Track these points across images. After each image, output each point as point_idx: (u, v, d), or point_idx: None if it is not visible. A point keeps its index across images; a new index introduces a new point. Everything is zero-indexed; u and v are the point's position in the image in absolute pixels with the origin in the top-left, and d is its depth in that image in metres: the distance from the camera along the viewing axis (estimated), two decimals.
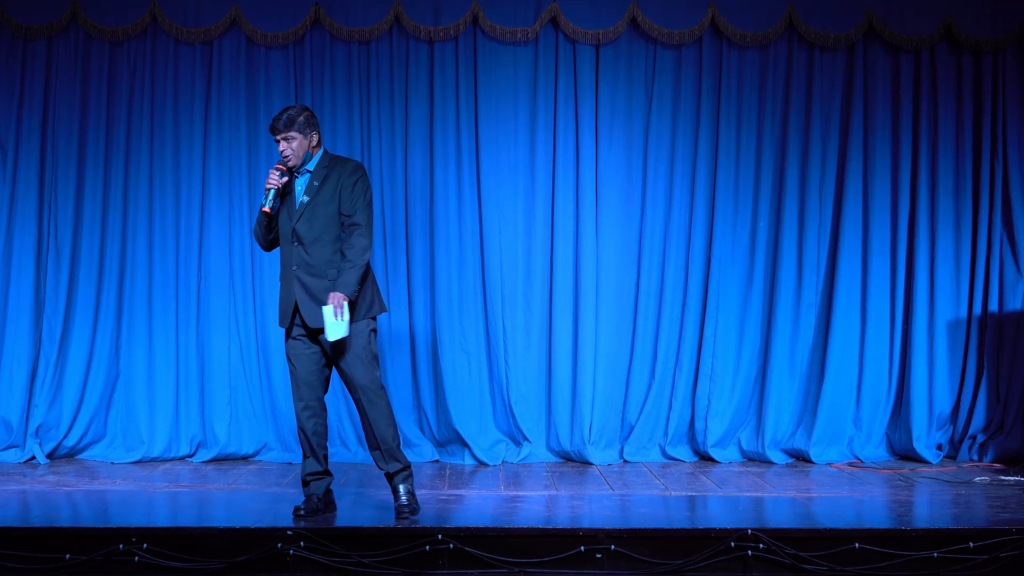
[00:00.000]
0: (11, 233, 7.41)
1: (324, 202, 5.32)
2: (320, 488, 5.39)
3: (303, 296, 5.29)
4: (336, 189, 5.33)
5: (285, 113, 5.34)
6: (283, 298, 5.40)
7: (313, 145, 5.39)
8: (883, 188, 7.59)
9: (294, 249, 5.33)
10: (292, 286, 5.32)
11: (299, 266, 5.31)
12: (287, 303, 5.37)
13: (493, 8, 7.42)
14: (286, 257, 5.38)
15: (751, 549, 4.93)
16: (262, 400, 7.43)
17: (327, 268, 5.29)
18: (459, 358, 7.46)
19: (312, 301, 5.27)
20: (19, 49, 7.43)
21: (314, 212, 5.31)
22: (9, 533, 4.92)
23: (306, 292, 5.29)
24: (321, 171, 5.37)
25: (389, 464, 5.35)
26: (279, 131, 5.32)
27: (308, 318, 5.28)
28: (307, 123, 5.35)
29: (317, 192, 5.33)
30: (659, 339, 7.54)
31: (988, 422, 7.50)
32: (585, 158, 7.52)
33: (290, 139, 5.32)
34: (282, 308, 5.41)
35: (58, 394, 7.35)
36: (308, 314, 5.28)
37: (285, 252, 5.39)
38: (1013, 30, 7.51)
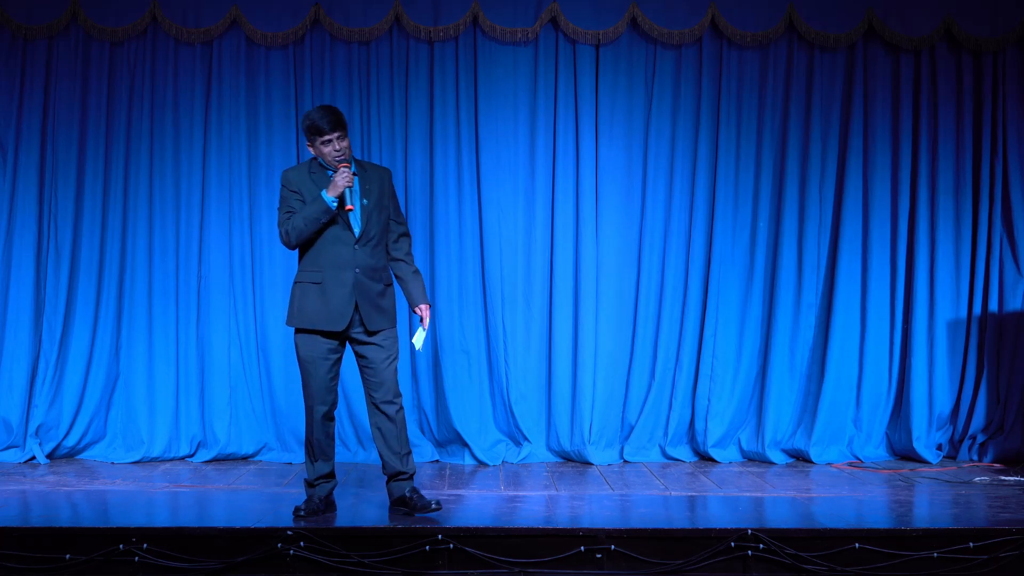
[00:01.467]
0: (11, 233, 7.41)
1: (380, 207, 5.35)
2: (325, 491, 5.39)
3: (364, 300, 5.26)
4: (387, 196, 5.39)
5: (335, 112, 5.28)
6: (332, 299, 5.24)
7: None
8: (883, 188, 7.59)
9: (356, 251, 5.26)
10: (347, 289, 5.23)
11: (362, 269, 5.26)
12: (341, 304, 5.24)
13: (493, 8, 7.42)
14: (338, 258, 5.26)
15: (751, 549, 4.93)
16: (262, 400, 7.43)
17: (381, 272, 5.34)
18: (459, 358, 7.46)
19: (372, 305, 5.26)
20: (19, 49, 7.43)
21: (375, 215, 5.32)
22: (9, 533, 4.93)
23: (366, 296, 5.26)
24: (364, 175, 5.38)
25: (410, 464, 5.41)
26: (337, 129, 5.25)
27: (371, 321, 5.26)
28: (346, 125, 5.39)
29: (371, 195, 5.34)
30: (659, 339, 7.54)
31: (988, 422, 7.50)
32: (585, 158, 7.52)
33: (343, 138, 5.29)
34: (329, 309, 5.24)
35: (58, 394, 7.35)
36: (369, 318, 5.26)
37: (337, 253, 5.26)
38: (1013, 30, 7.51)
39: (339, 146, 5.26)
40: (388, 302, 5.37)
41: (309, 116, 5.29)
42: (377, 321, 5.30)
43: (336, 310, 5.25)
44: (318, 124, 5.24)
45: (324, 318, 5.26)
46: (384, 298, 5.34)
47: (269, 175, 7.47)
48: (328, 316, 5.25)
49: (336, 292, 5.25)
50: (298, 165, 5.56)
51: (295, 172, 5.38)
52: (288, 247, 5.35)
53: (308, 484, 5.40)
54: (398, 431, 5.36)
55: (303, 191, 5.29)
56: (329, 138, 5.25)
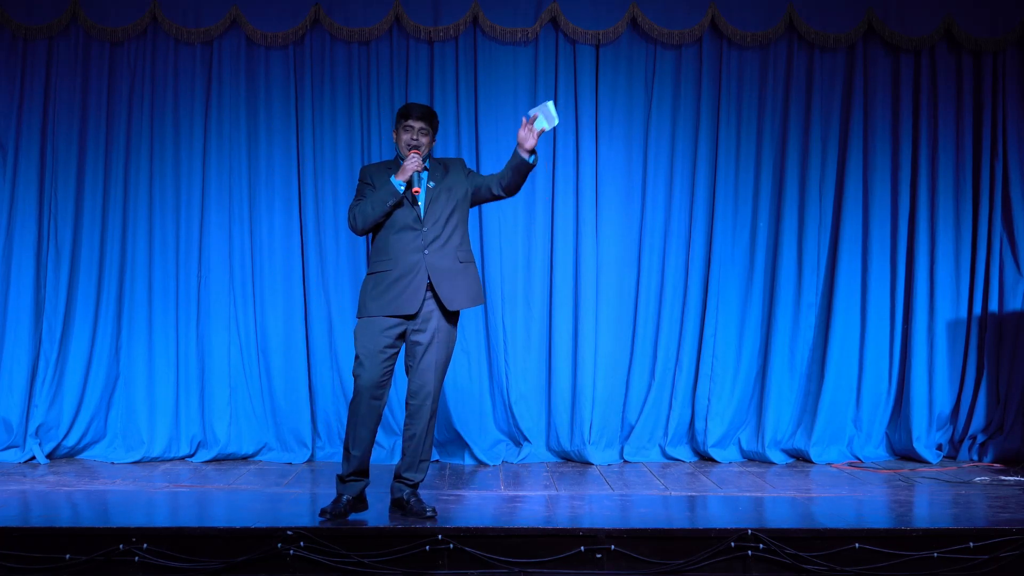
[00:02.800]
0: (11, 233, 7.40)
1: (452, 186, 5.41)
2: (356, 489, 5.30)
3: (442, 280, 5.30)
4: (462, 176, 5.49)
5: (426, 106, 5.45)
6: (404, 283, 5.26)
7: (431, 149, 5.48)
8: (883, 188, 7.59)
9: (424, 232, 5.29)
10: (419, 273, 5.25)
11: (432, 251, 5.30)
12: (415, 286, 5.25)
13: (493, 8, 7.42)
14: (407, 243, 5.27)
15: (751, 549, 4.93)
16: (262, 400, 7.43)
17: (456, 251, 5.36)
18: (459, 358, 7.45)
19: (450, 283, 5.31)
20: (19, 49, 7.43)
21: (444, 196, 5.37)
22: (9, 533, 4.93)
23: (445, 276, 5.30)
24: (437, 165, 5.48)
25: (419, 474, 5.37)
26: (420, 118, 5.36)
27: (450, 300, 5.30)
28: (437, 127, 5.47)
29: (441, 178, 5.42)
30: (659, 339, 7.54)
31: (988, 422, 7.50)
32: (585, 158, 7.52)
33: (425, 131, 5.37)
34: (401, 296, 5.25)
35: (58, 394, 7.35)
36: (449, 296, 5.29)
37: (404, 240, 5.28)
38: (1013, 30, 7.51)
39: (416, 136, 5.35)
40: (468, 280, 5.38)
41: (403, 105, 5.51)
42: (459, 300, 5.34)
43: (408, 294, 5.26)
44: (406, 108, 5.42)
45: (394, 303, 5.27)
46: (464, 276, 5.36)
47: (269, 175, 7.47)
48: (398, 301, 5.26)
49: (406, 278, 5.27)
50: (378, 163, 5.64)
51: (374, 166, 5.51)
52: (355, 232, 5.41)
53: (340, 480, 5.30)
54: (421, 434, 5.32)
55: (376, 182, 5.36)
56: (410, 124, 5.35)
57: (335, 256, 7.41)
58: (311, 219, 7.44)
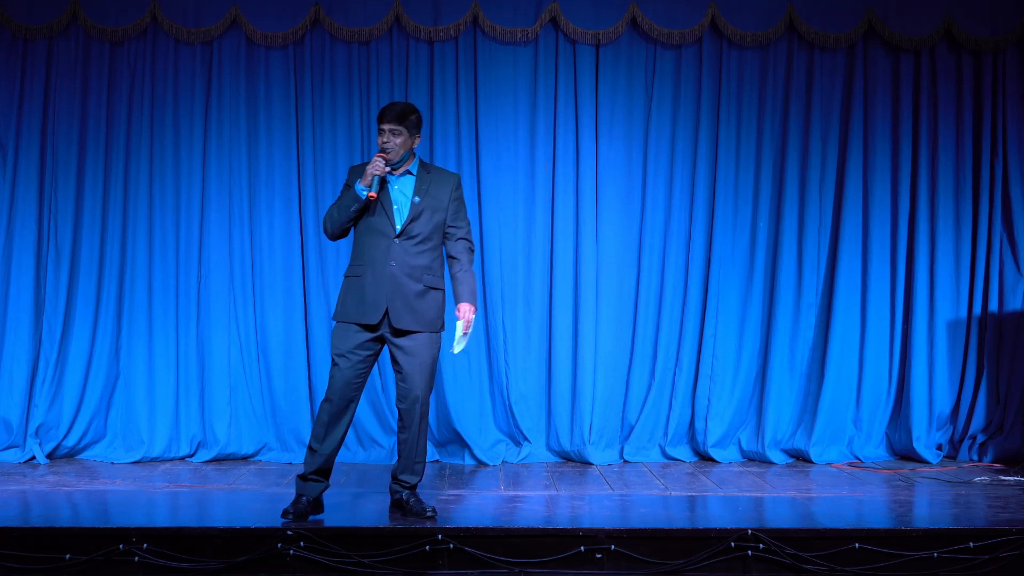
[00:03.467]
0: (11, 233, 7.40)
1: (435, 208, 5.32)
2: (316, 490, 5.30)
3: (395, 297, 5.22)
4: (447, 199, 5.35)
5: (399, 105, 5.32)
6: (369, 292, 5.23)
7: (412, 148, 5.37)
8: (883, 188, 7.59)
9: (395, 246, 5.24)
10: (383, 284, 5.22)
11: (399, 264, 5.23)
12: (376, 298, 5.22)
13: (493, 8, 7.42)
14: (378, 252, 5.25)
15: (751, 549, 4.93)
16: (262, 400, 7.43)
17: (423, 273, 5.28)
18: (459, 358, 7.45)
19: (403, 303, 5.22)
20: (19, 49, 7.43)
21: (426, 215, 5.29)
22: (9, 533, 4.92)
23: (400, 293, 5.22)
24: (426, 176, 5.36)
25: (416, 476, 5.37)
26: (388, 120, 5.26)
27: (398, 320, 5.22)
28: (416, 124, 5.34)
29: (427, 195, 5.32)
30: (659, 339, 7.54)
31: (988, 422, 7.50)
32: (585, 158, 7.52)
33: (396, 132, 5.27)
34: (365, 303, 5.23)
35: (58, 394, 7.34)
36: (398, 316, 5.22)
37: (377, 247, 5.26)
38: (1013, 30, 7.51)
39: (384, 138, 5.28)
40: (426, 305, 5.28)
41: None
42: (406, 321, 5.24)
43: (371, 303, 5.24)
44: (380, 110, 5.33)
45: (359, 310, 5.25)
46: (421, 300, 5.27)
47: (269, 175, 7.47)
48: (363, 308, 5.25)
49: (372, 285, 5.25)
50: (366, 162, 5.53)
51: (359, 166, 5.42)
52: (328, 237, 5.40)
53: (300, 479, 5.30)
54: (412, 437, 5.31)
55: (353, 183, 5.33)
56: (381, 127, 5.29)
57: (335, 256, 7.41)
58: (311, 219, 7.44)
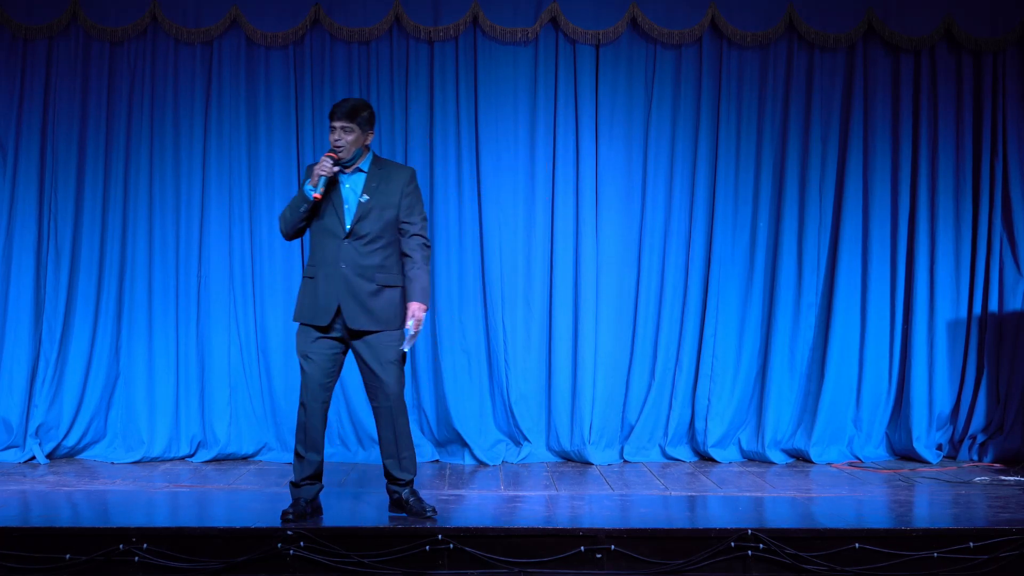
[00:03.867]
0: (11, 233, 7.40)
1: (385, 206, 5.25)
2: (311, 493, 5.29)
3: (348, 298, 5.18)
4: (398, 195, 5.27)
5: (349, 102, 5.25)
6: (321, 294, 5.20)
7: (365, 144, 5.30)
8: (883, 188, 7.59)
9: (345, 246, 5.20)
10: (335, 284, 5.18)
11: (349, 265, 5.19)
12: (328, 300, 5.19)
13: (493, 8, 7.42)
14: (328, 254, 5.21)
15: (751, 549, 4.93)
16: (262, 400, 7.43)
17: (375, 272, 5.22)
18: (459, 358, 7.46)
19: (357, 304, 5.18)
20: (19, 49, 7.43)
21: (375, 213, 5.23)
22: (9, 533, 4.93)
23: (352, 294, 5.18)
24: (377, 172, 5.30)
25: (408, 472, 5.32)
26: (339, 118, 5.19)
27: (352, 321, 5.18)
28: (368, 120, 5.27)
29: (377, 193, 5.25)
30: (659, 339, 7.54)
31: (988, 422, 7.50)
32: (585, 158, 7.52)
33: (348, 130, 5.20)
34: (317, 305, 5.20)
35: (58, 394, 7.35)
36: (352, 317, 5.18)
37: (328, 248, 5.22)
38: (1013, 30, 7.51)
39: (336, 136, 5.21)
40: (381, 303, 5.23)
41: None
42: (362, 322, 5.20)
43: (321, 305, 5.21)
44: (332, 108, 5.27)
45: (311, 312, 5.24)
46: (376, 299, 5.22)
47: (269, 175, 7.47)
48: (315, 310, 5.23)
49: (323, 287, 5.21)
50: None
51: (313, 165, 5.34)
52: (283, 238, 5.38)
53: (293, 486, 5.30)
54: (393, 434, 5.28)
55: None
56: (331, 126, 5.24)
57: None
58: None
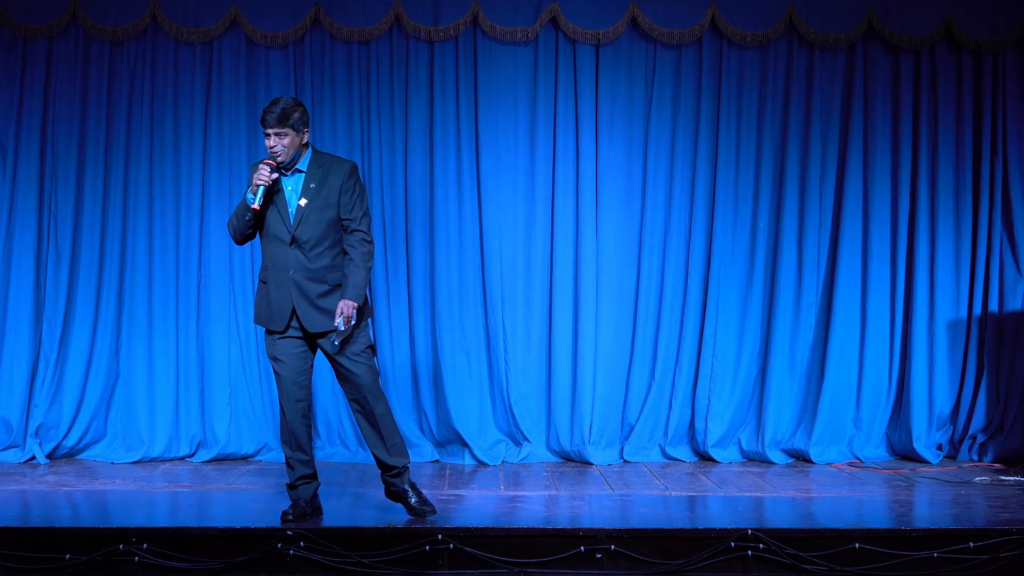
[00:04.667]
0: (11, 233, 7.41)
1: (324, 206, 5.16)
2: (308, 492, 5.29)
3: (301, 301, 5.15)
4: (336, 192, 5.17)
5: (278, 106, 5.08)
6: (274, 299, 5.19)
7: (303, 143, 5.19)
8: (883, 188, 7.59)
9: (291, 252, 5.15)
10: (288, 290, 5.15)
11: (297, 270, 5.15)
12: (281, 305, 5.17)
13: (493, 8, 7.42)
14: (278, 259, 5.18)
15: (751, 549, 4.93)
16: (262, 400, 7.43)
17: (326, 273, 5.18)
18: (459, 358, 7.46)
19: (311, 306, 5.15)
20: (19, 49, 7.43)
21: (314, 216, 5.15)
22: (9, 533, 4.93)
23: (304, 297, 5.15)
24: (316, 171, 5.19)
25: (398, 458, 5.27)
26: (271, 125, 5.08)
27: (308, 323, 5.16)
28: (301, 119, 5.14)
29: (315, 195, 5.16)
30: (659, 339, 7.54)
31: (988, 422, 7.50)
32: (585, 158, 7.52)
33: (283, 135, 5.10)
34: (271, 310, 5.20)
35: (58, 394, 7.35)
36: (308, 319, 5.16)
37: (276, 254, 5.18)
38: (1013, 30, 7.50)
39: (271, 143, 5.12)
40: (333, 302, 5.16)
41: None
42: (319, 323, 5.17)
43: (271, 310, 5.21)
44: (262, 114, 5.15)
45: (267, 317, 5.24)
46: (328, 298, 5.17)
47: None
48: (270, 315, 5.23)
49: (275, 292, 5.20)
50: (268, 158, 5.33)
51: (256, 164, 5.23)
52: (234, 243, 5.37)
53: (290, 487, 5.29)
54: (377, 424, 5.25)
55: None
56: (266, 132, 5.14)
57: None
58: None
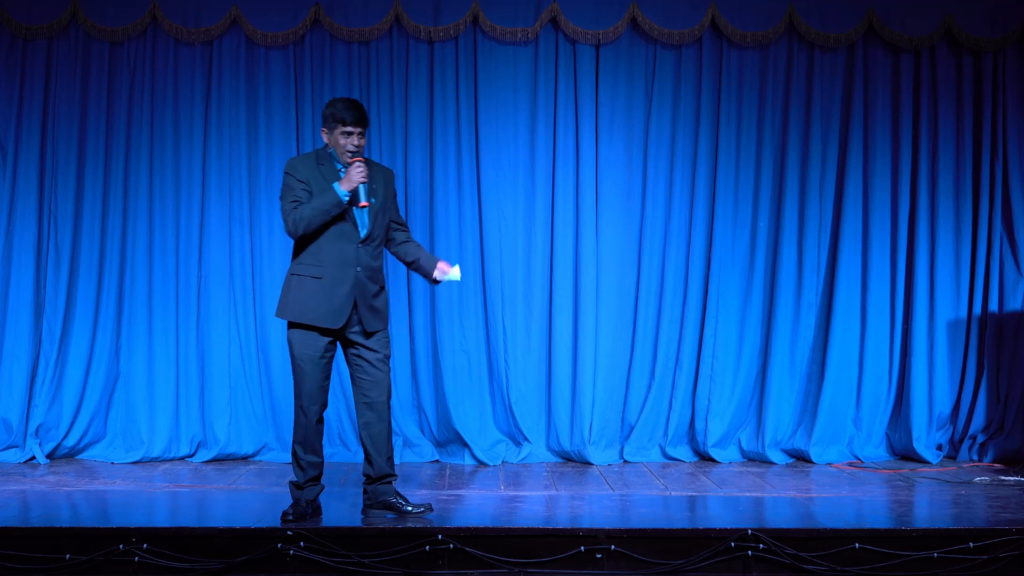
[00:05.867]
0: (11, 233, 7.41)
1: (384, 208, 5.33)
2: (313, 493, 5.31)
3: (361, 299, 5.22)
4: (390, 198, 5.37)
5: (359, 108, 5.25)
6: (336, 296, 5.18)
7: None
8: (883, 188, 7.59)
9: (360, 250, 5.22)
10: (349, 286, 5.18)
11: (363, 268, 5.22)
12: (344, 303, 5.18)
13: (493, 8, 7.42)
14: (340, 255, 5.19)
15: (751, 549, 4.93)
16: (262, 400, 7.43)
17: (378, 273, 5.31)
18: (459, 358, 7.46)
19: (366, 306, 5.23)
20: (19, 49, 7.43)
21: (380, 216, 5.31)
22: (9, 533, 4.93)
23: (363, 295, 5.22)
24: (371, 175, 5.29)
25: (392, 465, 5.38)
26: (361, 124, 5.22)
27: (366, 322, 5.24)
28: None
29: (379, 196, 5.31)
30: (659, 339, 7.54)
31: (988, 422, 7.50)
32: (585, 158, 7.52)
33: (362, 135, 5.26)
34: (331, 306, 5.17)
35: (58, 394, 7.35)
36: (365, 317, 5.24)
37: (339, 250, 5.20)
38: (1013, 30, 7.51)
39: (357, 142, 5.23)
40: (382, 303, 5.33)
41: (335, 104, 5.26)
42: (372, 323, 5.27)
43: (336, 307, 5.18)
44: (341, 114, 5.20)
45: (323, 315, 5.18)
46: (378, 299, 5.31)
47: (269, 175, 7.47)
48: (327, 313, 5.18)
49: (337, 289, 5.18)
50: (303, 155, 5.44)
51: (301, 162, 5.28)
52: (292, 237, 5.24)
53: (296, 487, 5.29)
54: (388, 432, 5.33)
55: (311, 182, 5.20)
56: (350, 131, 5.21)
57: None
58: None
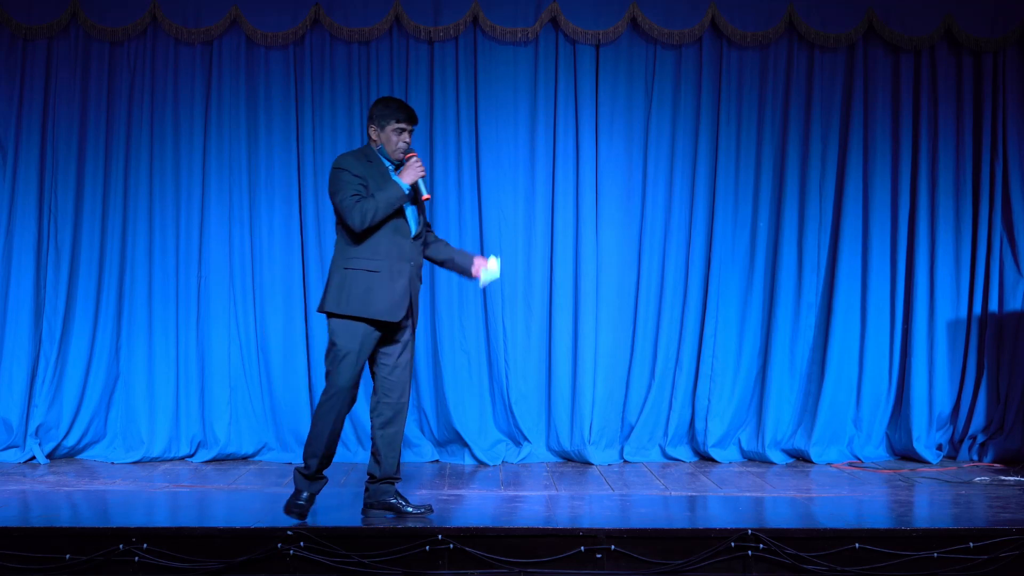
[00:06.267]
0: (11, 233, 7.41)
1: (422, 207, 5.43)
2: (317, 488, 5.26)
3: (414, 294, 5.33)
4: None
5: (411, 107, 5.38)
6: (397, 289, 5.23)
7: None
8: (883, 188, 7.59)
9: (415, 246, 5.34)
10: (406, 280, 5.26)
11: (415, 263, 5.34)
12: (404, 296, 5.25)
13: (493, 8, 7.42)
14: (398, 250, 5.25)
15: (751, 549, 4.93)
16: (262, 400, 7.43)
17: (421, 271, 5.41)
18: (459, 358, 7.46)
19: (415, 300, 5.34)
20: (19, 49, 7.43)
21: (424, 214, 5.44)
22: (9, 533, 4.93)
23: (415, 291, 5.33)
24: None
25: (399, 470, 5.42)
26: (416, 121, 5.36)
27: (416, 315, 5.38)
28: None
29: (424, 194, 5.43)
30: (659, 339, 7.54)
31: (988, 422, 7.50)
32: (585, 158, 7.52)
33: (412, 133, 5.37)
34: (394, 300, 5.22)
35: (58, 394, 7.35)
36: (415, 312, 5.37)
37: (396, 245, 5.25)
38: (1013, 30, 7.51)
39: (407, 139, 5.33)
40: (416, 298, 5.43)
41: (388, 103, 5.33)
42: (417, 317, 5.43)
43: (396, 301, 5.23)
44: (396, 112, 5.30)
45: (385, 308, 5.21)
46: (418, 295, 5.44)
47: (269, 175, 7.47)
48: (390, 307, 5.22)
49: (396, 283, 5.24)
50: (351, 152, 5.42)
51: (353, 158, 5.32)
52: (358, 230, 5.17)
53: (308, 479, 5.21)
54: (402, 435, 5.44)
55: (366, 176, 5.25)
56: (404, 127, 5.30)
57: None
58: (311, 219, 7.44)
